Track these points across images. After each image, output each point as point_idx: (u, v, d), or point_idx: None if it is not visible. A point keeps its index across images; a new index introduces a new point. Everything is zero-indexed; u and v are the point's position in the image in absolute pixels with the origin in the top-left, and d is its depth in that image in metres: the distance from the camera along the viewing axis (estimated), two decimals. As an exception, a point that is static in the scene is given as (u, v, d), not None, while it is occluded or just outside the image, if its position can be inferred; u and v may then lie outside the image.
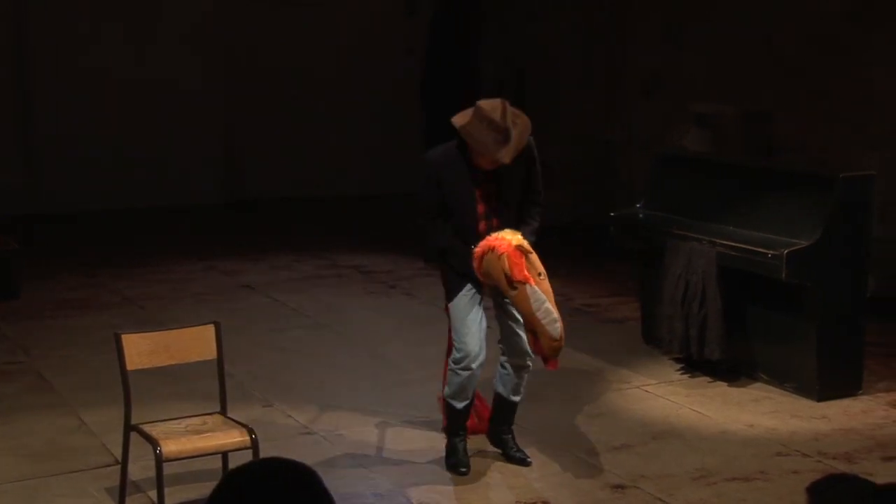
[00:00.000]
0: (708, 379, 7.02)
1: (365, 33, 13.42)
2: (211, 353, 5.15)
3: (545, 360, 5.43)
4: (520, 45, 12.29)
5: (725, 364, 7.00)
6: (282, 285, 9.41)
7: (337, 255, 10.49)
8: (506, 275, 5.22)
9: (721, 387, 6.92)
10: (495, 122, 5.25)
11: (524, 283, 5.21)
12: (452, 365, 5.61)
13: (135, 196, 12.48)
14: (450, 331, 5.91)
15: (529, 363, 5.68)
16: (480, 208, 5.47)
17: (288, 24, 13.16)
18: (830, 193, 6.56)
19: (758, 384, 6.93)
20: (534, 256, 5.30)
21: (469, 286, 5.53)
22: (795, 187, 6.87)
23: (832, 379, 6.68)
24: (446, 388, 5.71)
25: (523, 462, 5.76)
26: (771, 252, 6.49)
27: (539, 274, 5.28)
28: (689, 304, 6.92)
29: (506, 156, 5.28)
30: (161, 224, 11.97)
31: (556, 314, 5.28)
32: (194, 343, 5.14)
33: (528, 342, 5.46)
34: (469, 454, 5.73)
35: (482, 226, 5.47)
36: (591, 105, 11.77)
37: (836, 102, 9.13)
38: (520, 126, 5.33)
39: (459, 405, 5.66)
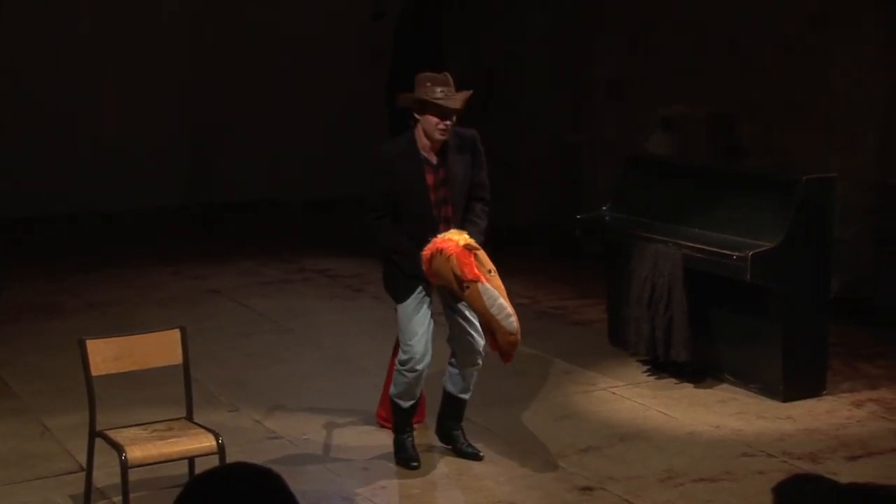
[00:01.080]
0: (674, 380, 7.05)
1: (332, 36, 13.40)
2: (177, 357, 5.12)
3: (502, 355, 5.43)
4: (486, 47, 12.31)
5: (691, 366, 7.03)
6: (249, 289, 9.36)
7: (304, 259, 10.46)
8: (455, 276, 5.24)
9: (687, 388, 6.95)
10: (437, 77, 5.49)
11: (475, 281, 5.22)
12: (399, 366, 5.66)
13: (100, 200, 12.38)
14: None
15: (479, 362, 5.74)
16: (433, 196, 5.52)
17: (255, 26, 13.11)
18: (794, 196, 6.61)
19: (724, 385, 6.96)
20: (482, 254, 5.33)
21: (419, 288, 5.56)
22: (759, 190, 6.91)
23: (797, 380, 6.72)
24: (392, 388, 5.77)
25: (475, 457, 5.81)
26: (736, 254, 6.52)
27: (489, 271, 5.30)
28: (656, 305, 6.95)
29: (456, 102, 5.42)
30: (127, 228, 11.89)
31: (509, 309, 5.29)
32: (160, 348, 5.11)
33: (487, 341, 5.48)
34: (419, 449, 5.80)
35: (435, 212, 5.52)
36: (558, 108, 11.79)
37: (799, 105, 9.19)
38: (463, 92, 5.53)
39: (406, 405, 5.74)
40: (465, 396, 5.84)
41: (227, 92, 13.01)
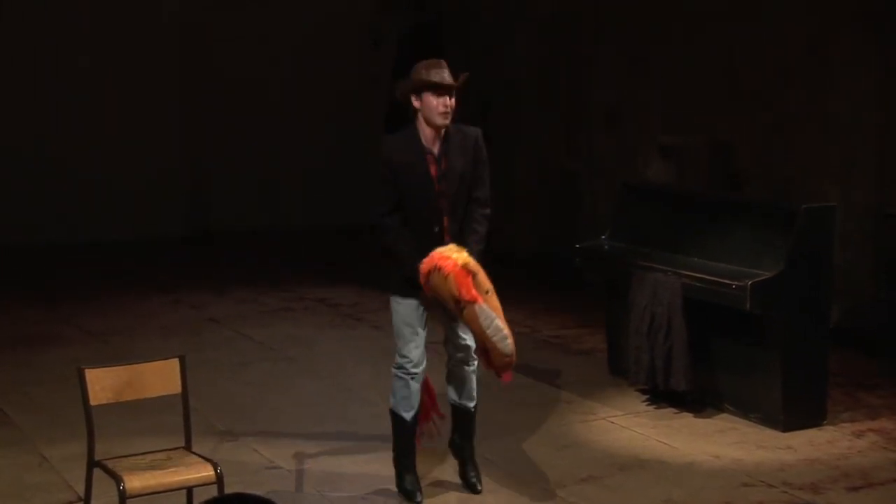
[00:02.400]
0: (674, 410, 7.04)
1: (330, 65, 13.45)
2: (176, 387, 5.11)
3: (498, 373, 5.40)
4: (483, 75, 12.34)
5: (691, 395, 7.02)
6: (248, 318, 9.36)
7: (303, 288, 10.46)
8: (453, 295, 5.22)
9: (687, 418, 6.94)
10: (432, 62, 5.49)
11: (472, 302, 5.21)
12: (394, 370, 5.64)
13: (97, 229, 12.41)
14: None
15: (473, 361, 5.68)
16: (436, 187, 5.50)
17: (254, 55, 13.17)
18: (793, 225, 6.62)
19: (723, 415, 6.96)
20: (481, 274, 5.31)
21: (414, 295, 5.53)
22: (759, 218, 6.92)
23: (797, 409, 6.71)
24: (391, 399, 5.70)
25: (473, 489, 5.77)
26: (735, 283, 6.53)
27: (486, 291, 5.28)
28: (655, 334, 6.95)
29: (450, 77, 5.43)
30: (125, 257, 11.90)
31: (506, 330, 5.26)
32: (159, 377, 5.10)
33: (480, 361, 5.47)
34: (421, 480, 5.74)
35: (437, 203, 5.49)
36: (555, 136, 11.83)
37: (798, 133, 9.22)
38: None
39: (407, 415, 5.64)
40: (470, 405, 5.75)
41: (224, 121, 13.06)
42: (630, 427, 6.79)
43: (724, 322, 6.85)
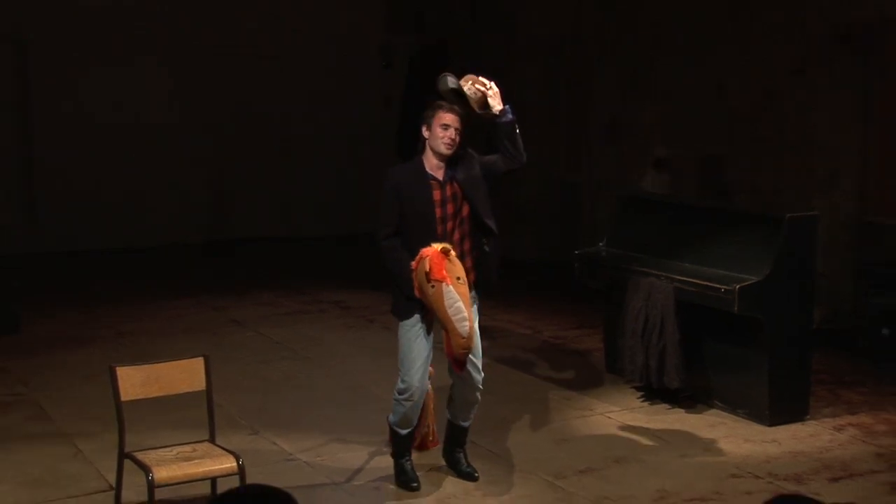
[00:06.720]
0: (667, 406, 7.04)
1: (345, 84, 13.49)
2: (200, 384, 5.14)
3: (454, 361, 5.39)
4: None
5: (683, 392, 7.03)
6: (267, 320, 9.38)
7: (319, 292, 10.48)
8: (426, 274, 5.22)
9: (679, 413, 6.94)
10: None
11: (441, 281, 5.21)
12: (396, 395, 5.63)
13: (127, 236, 12.46)
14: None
15: (478, 396, 5.74)
16: (438, 211, 5.51)
17: (272, 72, 13.21)
18: (779, 233, 6.63)
19: (713, 411, 6.96)
20: (455, 261, 5.31)
21: (418, 313, 5.53)
22: (747, 227, 6.93)
23: (782, 405, 6.72)
24: (391, 416, 5.74)
25: (470, 477, 5.81)
26: (724, 287, 6.54)
27: (458, 278, 5.28)
28: (649, 335, 6.95)
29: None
30: (152, 263, 11.94)
31: (466, 314, 5.24)
32: (184, 375, 5.13)
33: (444, 346, 5.42)
34: (429, 468, 5.79)
35: (439, 230, 5.49)
36: (556, 149, 11.85)
37: (783, 148, 9.22)
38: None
39: (404, 432, 5.72)
40: (466, 424, 5.84)
41: (245, 138, 13.10)
42: (626, 422, 6.79)
43: (713, 323, 6.86)
